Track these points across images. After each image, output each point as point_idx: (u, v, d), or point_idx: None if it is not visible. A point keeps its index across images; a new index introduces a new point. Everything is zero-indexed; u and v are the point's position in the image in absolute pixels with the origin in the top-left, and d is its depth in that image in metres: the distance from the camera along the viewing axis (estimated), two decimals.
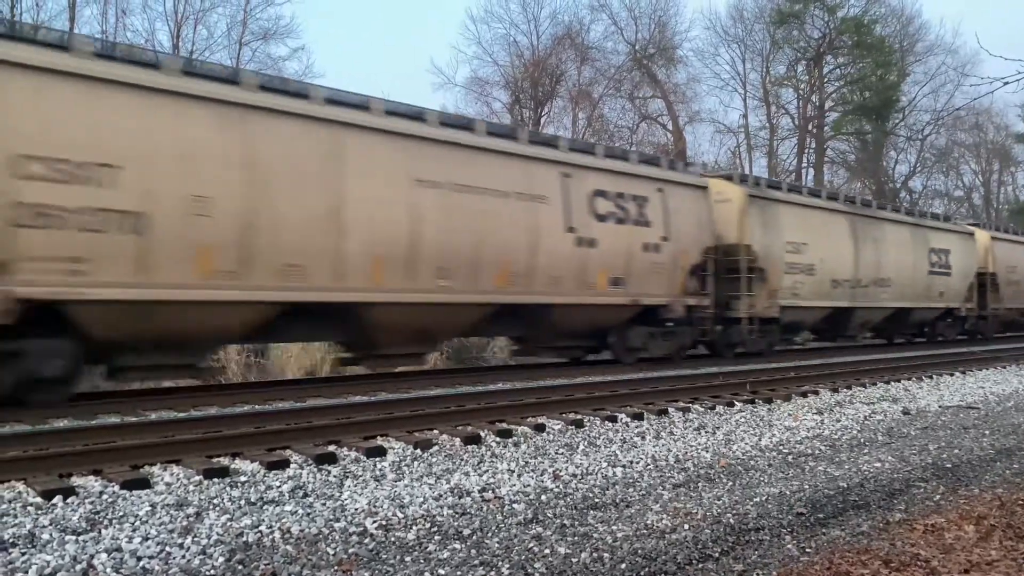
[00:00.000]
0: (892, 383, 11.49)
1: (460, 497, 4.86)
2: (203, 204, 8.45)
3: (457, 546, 3.97)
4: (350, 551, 3.86)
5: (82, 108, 7.83)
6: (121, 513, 4.38)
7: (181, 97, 8.45)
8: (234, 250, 8.73)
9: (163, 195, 8.23)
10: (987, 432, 7.59)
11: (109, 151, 7.90)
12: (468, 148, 10.95)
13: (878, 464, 6.05)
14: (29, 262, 7.49)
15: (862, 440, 7.10)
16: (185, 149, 8.40)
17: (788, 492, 5.11)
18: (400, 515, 4.44)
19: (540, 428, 7.26)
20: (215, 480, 5.17)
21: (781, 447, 6.70)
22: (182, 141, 8.40)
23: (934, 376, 12.52)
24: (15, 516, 4.29)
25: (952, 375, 12.84)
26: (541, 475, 5.45)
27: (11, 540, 3.87)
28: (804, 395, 9.95)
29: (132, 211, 8.01)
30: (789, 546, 4.08)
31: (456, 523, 4.34)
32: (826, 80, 38.57)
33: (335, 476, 5.37)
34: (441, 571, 3.61)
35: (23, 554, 3.68)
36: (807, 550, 4.02)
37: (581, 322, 12.80)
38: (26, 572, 3.47)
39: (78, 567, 3.55)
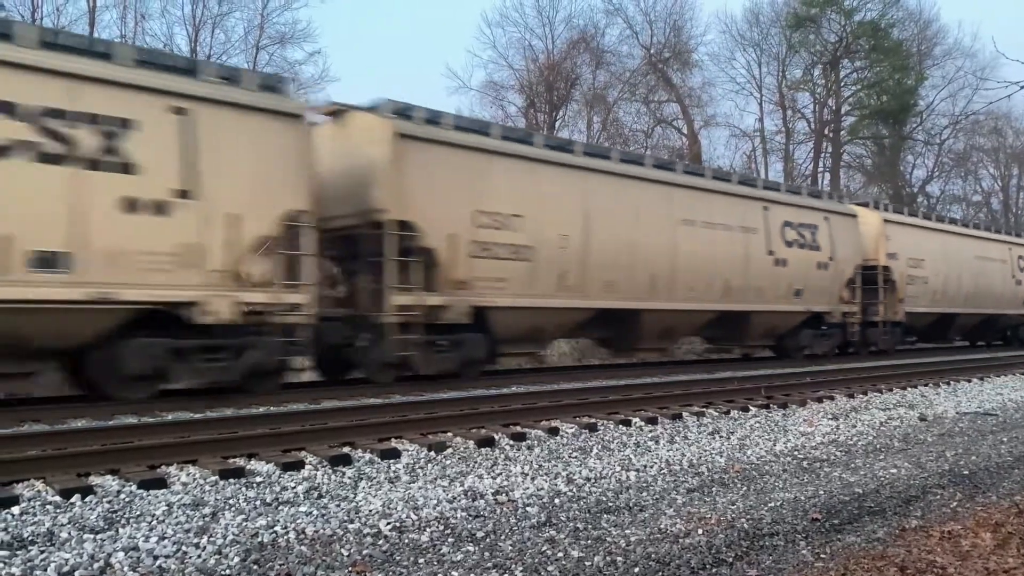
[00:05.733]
0: (909, 389, 11.39)
1: (474, 499, 4.86)
2: None
3: (470, 548, 3.97)
4: (364, 552, 3.88)
5: None
6: (138, 512, 4.42)
7: None
8: None
9: None
10: (1005, 439, 7.51)
11: None
12: None
13: (894, 470, 6.00)
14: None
15: (878, 446, 7.05)
16: None
17: (803, 497, 5.09)
18: (414, 517, 4.45)
19: (554, 431, 7.25)
20: (231, 480, 5.20)
21: (796, 452, 6.66)
22: None
23: (951, 382, 12.42)
24: (34, 514, 4.34)
25: (970, 381, 12.72)
26: (555, 478, 5.45)
27: (30, 538, 3.92)
28: (819, 400, 9.88)
29: None
30: (804, 551, 4.06)
31: (469, 525, 4.34)
32: (843, 84, 38.34)
33: (349, 477, 5.40)
34: (455, 573, 3.62)
35: (42, 552, 3.72)
36: (822, 556, 4.00)
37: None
38: (45, 570, 3.50)
39: (96, 565, 3.58)
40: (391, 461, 5.92)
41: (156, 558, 3.70)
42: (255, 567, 3.64)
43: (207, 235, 8.80)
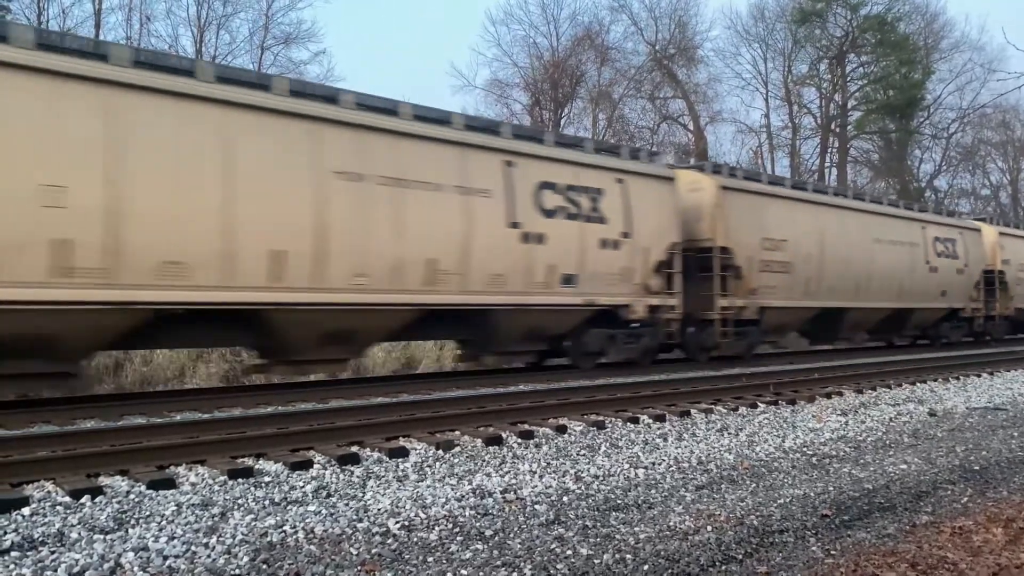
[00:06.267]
0: (918, 384, 11.35)
1: (482, 498, 4.86)
2: None
3: (479, 547, 3.97)
4: (373, 551, 3.88)
5: None
6: (148, 513, 4.44)
7: None
8: None
9: None
10: (1015, 434, 7.47)
11: None
12: None
13: (904, 466, 5.98)
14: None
15: (887, 442, 7.02)
16: None
17: (812, 494, 5.07)
18: (422, 515, 4.46)
19: (562, 429, 7.25)
20: (240, 480, 5.22)
21: (805, 448, 6.64)
22: None
23: (961, 377, 12.36)
24: (45, 515, 4.35)
25: (979, 376, 12.66)
26: (563, 476, 5.44)
27: (41, 539, 3.94)
28: (828, 396, 9.86)
29: None
30: (814, 548, 4.04)
31: (478, 524, 4.34)
32: (849, 79, 38.17)
33: (358, 477, 5.40)
34: (463, 571, 3.62)
35: (52, 553, 3.74)
36: (832, 552, 3.98)
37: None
38: (55, 571, 3.52)
39: (106, 566, 3.59)
40: (399, 460, 5.92)
41: (166, 558, 3.71)
42: (264, 567, 3.64)
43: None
